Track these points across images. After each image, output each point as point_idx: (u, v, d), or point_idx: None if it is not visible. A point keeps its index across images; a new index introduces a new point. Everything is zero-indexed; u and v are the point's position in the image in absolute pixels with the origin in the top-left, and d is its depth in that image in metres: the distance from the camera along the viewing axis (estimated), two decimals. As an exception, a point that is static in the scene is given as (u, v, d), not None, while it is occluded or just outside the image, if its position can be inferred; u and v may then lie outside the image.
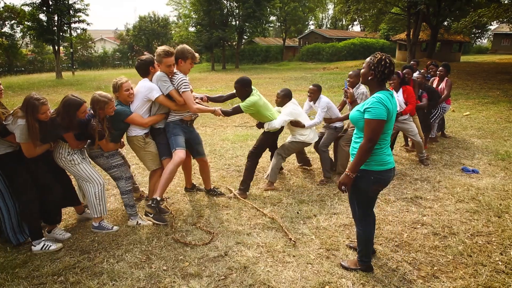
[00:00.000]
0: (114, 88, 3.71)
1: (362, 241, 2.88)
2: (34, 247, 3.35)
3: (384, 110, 2.51)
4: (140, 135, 3.85)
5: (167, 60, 3.71)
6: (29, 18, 24.24)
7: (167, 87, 3.77)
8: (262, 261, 3.12)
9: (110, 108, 3.52)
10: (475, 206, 4.19)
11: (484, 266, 3.03)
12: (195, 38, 31.04)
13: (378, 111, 2.49)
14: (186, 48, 3.87)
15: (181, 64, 3.87)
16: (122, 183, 3.83)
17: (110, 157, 3.78)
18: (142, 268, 3.06)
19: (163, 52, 3.68)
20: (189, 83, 3.88)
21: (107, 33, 54.85)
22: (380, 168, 2.64)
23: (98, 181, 3.61)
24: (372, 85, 2.65)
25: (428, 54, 26.39)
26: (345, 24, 56.77)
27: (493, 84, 14.84)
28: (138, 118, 3.76)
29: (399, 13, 24.62)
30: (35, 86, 19.19)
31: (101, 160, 3.77)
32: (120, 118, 3.69)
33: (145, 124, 3.82)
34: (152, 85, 3.77)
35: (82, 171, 3.54)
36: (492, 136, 7.39)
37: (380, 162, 2.64)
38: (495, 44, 44.58)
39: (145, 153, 3.93)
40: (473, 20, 17.06)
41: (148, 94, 3.74)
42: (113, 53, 46.37)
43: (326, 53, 35.14)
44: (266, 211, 4.06)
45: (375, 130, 2.52)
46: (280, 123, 4.50)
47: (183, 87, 3.79)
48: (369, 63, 2.62)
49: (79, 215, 3.99)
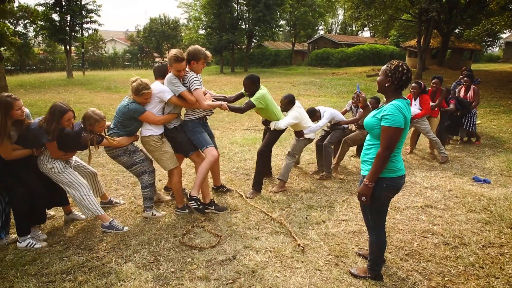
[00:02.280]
0: (136, 90, 3.67)
1: (375, 249, 2.84)
2: (20, 244, 3.37)
3: (402, 118, 2.47)
4: (156, 135, 3.88)
5: (178, 65, 3.75)
6: (42, 17, 24.61)
7: (178, 89, 3.80)
8: (270, 266, 3.10)
9: (100, 127, 3.57)
10: (486, 216, 4.12)
11: (497, 278, 2.98)
12: (204, 40, 31.16)
13: (397, 119, 2.45)
14: (198, 48, 3.90)
15: (194, 65, 3.90)
16: (146, 176, 3.95)
17: (132, 153, 3.88)
18: (150, 269, 3.06)
19: (174, 57, 3.72)
20: (200, 81, 3.93)
21: (118, 34, 55.38)
22: (392, 175, 2.61)
23: (82, 185, 3.60)
24: (389, 92, 2.61)
25: (438, 62, 26.20)
26: (355, 30, 56.67)
27: (505, 93, 14.66)
28: (152, 116, 3.79)
29: (410, 19, 24.47)
30: (46, 85, 19.42)
31: (124, 158, 3.86)
32: (134, 116, 3.73)
33: (158, 122, 3.84)
34: (163, 87, 3.81)
35: (64, 179, 3.55)
36: (503, 146, 7.29)
37: (392, 169, 2.61)
38: (506, 52, 44.10)
39: (162, 153, 3.95)
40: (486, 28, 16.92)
41: (160, 96, 3.78)
42: (123, 54, 46.74)
43: (335, 58, 35.05)
44: (275, 216, 4.04)
45: (392, 138, 2.48)
46: (286, 125, 4.67)
47: (194, 85, 3.84)
48: (385, 70, 2.58)
49: (67, 215, 3.97)
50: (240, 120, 9.99)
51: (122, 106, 3.77)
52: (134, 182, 5.08)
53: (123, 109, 3.74)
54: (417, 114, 6.07)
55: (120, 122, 3.77)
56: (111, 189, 4.89)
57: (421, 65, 20.22)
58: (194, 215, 4.09)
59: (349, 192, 4.80)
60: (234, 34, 29.36)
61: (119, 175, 5.41)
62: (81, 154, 4.92)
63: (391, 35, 36.93)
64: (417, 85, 6.14)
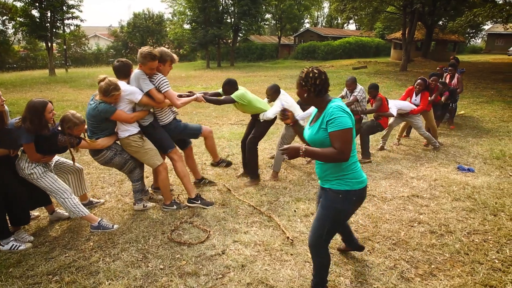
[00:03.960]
0: (106, 91, 3.53)
1: (320, 269, 2.59)
2: (2, 247, 3.29)
3: (348, 116, 2.23)
4: (135, 134, 3.81)
5: (153, 63, 3.69)
6: (21, 14, 23.91)
7: (147, 86, 3.73)
8: (259, 259, 3.11)
9: (78, 131, 3.48)
10: (471, 204, 4.20)
11: (481, 264, 3.04)
12: (190, 35, 30.89)
13: (344, 120, 2.20)
14: (164, 50, 3.91)
15: (161, 68, 3.88)
16: (137, 172, 3.99)
17: (122, 153, 3.85)
18: (139, 267, 3.03)
19: (149, 56, 3.64)
20: (168, 82, 3.88)
21: (101, 29, 54.36)
22: (360, 186, 2.36)
23: (62, 189, 3.51)
24: (314, 100, 2.37)
25: (423, 54, 26.54)
26: (341, 23, 56.82)
27: (488, 84, 14.93)
28: (124, 114, 3.70)
29: (394, 12, 24.65)
30: (27, 83, 18.98)
31: (117, 159, 3.83)
32: (106, 116, 3.61)
33: (131, 119, 3.75)
34: (133, 88, 3.71)
35: (43, 184, 3.45)
36: (487, 135, 7.43)
37: (359, 180, 2.36)
38: (489, 44, 44.94)
39: (146, 151, 3.89)
40: (469, 20, 17.14)
41: (131, 98, 3.69)
42: (107, 50, 45.99)
43: (321, 51, 35.15)
44: (263, 209, 4.05)
45: (346, 141, 2.20)
46: (274, 113, 4.77)
47: (164, 87, 3.81)
48: (298, 81, 2.38)
49: (51, 215, 3.91)
50: (227, 115, 9.95)
51: (91, 109, 3.62)
52: (121, 180, 5.03)
53: (92, 112, 3.60)
54: (414, 110, 6.23)
55: (95, 126, 3.65)
56: (97, 187, 4.82)
57: (406, 57, 20.45)
58: (182, 211, 4.07)
59: (337, 184, 4.82)
60: (219, 29, 29.14)
61: (105, 173, 5.34)
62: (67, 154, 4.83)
63: (377, 28, 37.24)
64: (422, 82, 6.33)
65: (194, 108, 10.79)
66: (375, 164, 5.67)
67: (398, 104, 6.14)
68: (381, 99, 5.87)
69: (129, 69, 3.86)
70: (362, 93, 5.74)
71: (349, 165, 2.33)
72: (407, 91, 6.61)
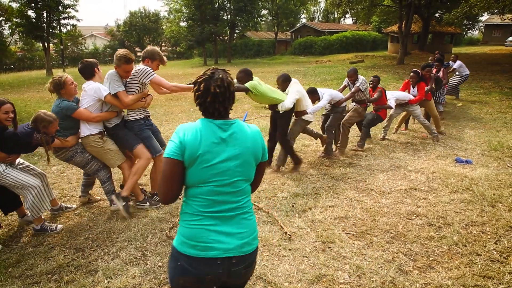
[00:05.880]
0: (58, 85, 3.58)
1: None
2: None
3: (176, 145, 1.56)
4: (95, 134, 3.75)
5: (128, 66, 3.66)
6: (17, 14, 23.79)
7: (117, 88, 3.69)
8: (258, 255, 3.08)
9: (53, 128, 3.46)
10: (469, 196, 4.21)
11: (479, 255, 3.05)
12: (186, 33, 30.74)
13: (169, 146, 1.59)
14: (156, 50, 3.90)
15: (148, 64, 3.83)
16: (102, 173, 3.90)
17: (84, 152, 3.80)
18: (138, 264, 3.03)
19: (125, 59, 3.61)
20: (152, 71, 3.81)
21: (98, 29, 54.15)
22: (193, 252, 1.57)
23: (32, 185, 3.46)
24: None
25: (420, 46, 26.48)
26: (337, 17, 56.64)
27: (485, 75, 14.91)
28: (86, 113, 3.66)
29: (390, 5, 24.58)
30: (25, 83, 18.91)
31: (78, 158, 3.78)
32: (67, 113, 3.60)
33: (94, 119, 3.70)
34: (98, 85, 3.70)
35: (10, 182, 3.37)
36: (484, 127, 7.44)
37: (195, 241, 1.58)
38: (486, 35, 44.83)
39: (105, 152, 3.84)
40: (465, 11, 17.06)
41: (97, 94, 3.67)
42: (104, 50, 45.77)
43: (318, 46, 35.04)
44: (261, 205, 4.05)
45: (164, 174, 1.58)
46: (291, 102, 4.81)
47: (150, 76, 3.75)
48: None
49: (20, 218, 3.83)
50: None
51: (54, 107, 3.63)
52: (119, 179, 5.02)
53: (55, 109, 3.59)
54: (413, 100, 6.47)
55: (60, 125, 3.57)
56: (95, 186, 4.80)
57: (403, 50, 20.40)
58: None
59: (335, 179, 4.83)
60: (216, 26, 29.03)
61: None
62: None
63: (373, 21, 37.06)
64: (415, 74, 6.55)
65: (192, 105, 10.77)
66: (373, 158, 5.68)
67: (395, 95, 6.34)
68: (381, 90, 6.11)
69: (93, 68, 3.80)
70: (364, 83, 5.87)
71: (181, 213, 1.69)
72: (404, 84, 6.73)
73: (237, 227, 1.64)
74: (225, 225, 1.62)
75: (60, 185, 4.87)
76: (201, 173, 1.58)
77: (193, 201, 1.63)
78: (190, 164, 1.58)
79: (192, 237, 1.60)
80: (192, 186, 1.62)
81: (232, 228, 1.63)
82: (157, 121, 8.64)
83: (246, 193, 1.71)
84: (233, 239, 1.62)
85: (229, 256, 1.59)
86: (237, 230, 1.64)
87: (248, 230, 1.67)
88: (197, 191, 1.61)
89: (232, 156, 1.61)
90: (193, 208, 1.63)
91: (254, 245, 1.69)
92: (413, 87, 6.61)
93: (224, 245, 1.59)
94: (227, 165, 1.60)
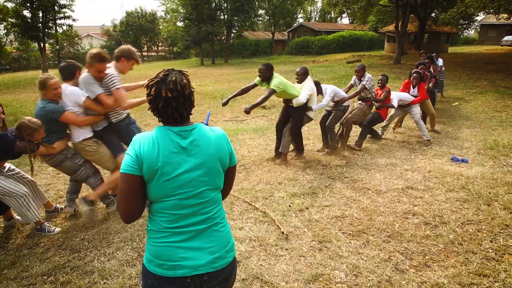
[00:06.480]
0: (42, 85, 3.43)
1: None
2: None
3: (132, 159, 1.46)
4: (90, 139, 3.66)
5: (101, 65, 3.48)
6: (13, 14, 23.69)
7: (95, 91, 3.53)
8: (254, 255, 3.11)
9: (39, 135, 3.30)
10: (465, 195, 4.23)
11: (475, 254, 3.06)
12: (183, 33, 30.73)
13: (125, 160, 1.49)
14: (132, 49, 3.76)
15: (123, 63, 3.69)
16: (92, 180, 3.77)
17: (74, 157, 3.66)
18: (134, 265, 3.02)
19: (98, 57, 3.43)
20: (119, 79, 3.65)
21: (94, 29, 53.98)
22: (160, 271, 1.49)
23: (19, 193, 3.39)
24: None
25: (416, 46, 26.55)
26: (334, 17, 56.72)
27: (481, 75, 14.99)
28: (74, 116, 3.49)
29: (387, 5, 24.64)
30: (21, 84, 18.84)
31: (67, 163, 3.63)
32: (54, 117, 3.42)
33: (82, 123, 3.56)
34: (76, 89, 3.53)
35: None
36: (480, 126, 7.47)
37: (161, 260, 1.50)
38: (482, 35, 45.05)
39: (101, 156, 3.74)
40: (460, 11, 17.16)
41: (75, 99, 3.50)
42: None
43: (315, 46, 35.10)
44: (258, 205, 4.05)
45: (122, 190, 1.47)
46: (305, 97, 5.17)
47: (116, 84, 3.58)
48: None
49: (6, 221, 3.77)
50: (222, 111, 9.94)
51: (38, 109, 3.44)
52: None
53: (40, 112, 3.40)
54: (414, 100, 6.49)
55: (45, 128, 3.39)
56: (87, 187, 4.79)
57: (400, 50, 20.45)
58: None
59: (332, 178, 4.84)
60: (213, 25, 29.04)
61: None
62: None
63: (370, 21, 37.15)
64: (418, 75, 6.55)
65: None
66: (369, 157, 5.69)
67: (398, 95, 6.41)
68: (389, 90, 6.21)
69: (75, 71, 3.63)
70: (370, 81, 5.94)
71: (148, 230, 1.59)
72: (404, 85, 6.77)
73: (207, 241, 1.54)
74: (194, 240, 1.52)
75: (56, 186, 4.84)
76: (162, 187, 1.47)
77: (158, 217, 1.52)
78: (150, 178, 1.46)
79: (158, 256, 1.50)
80: (155, 201, 1.52)
81: (201, 242, 1.53)
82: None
83: (216, 203, 1.59)
84: (203, 254, 1.51)
85: (200, 273, 1.50)
86: (207, 245, 1.53)
87: (219, 243, 1.56)
88: (161, 206, 1.51)
89: (194, 166, 1.49)
90: (158, 224, 1.52)
91: (228, 258, 1.59)
92: (414, 88, 6.63)
93: (194, 261, 1.49)
94: (190, 176, 1.48)
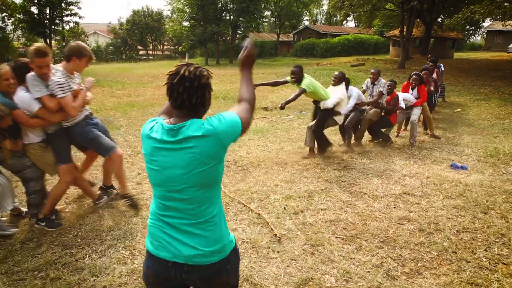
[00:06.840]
0: None
1: None
2: None
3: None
4: (35, 143, 3.48)
5: (39, 60, 3.20)
6: (20, 10, 23.92)
7: (37, 92, 3.28)
8: (246, 256, 3.09)
9: (5, 123, 3.16)
10: (462, 202, 4.19)
11: (468, 262, 3.03)
12: (188, 32, 30.79)
13: None
14: (82, 45, 3.53)
15: (75, 62, 3.46)
16: (32, 183, 3.56)
17: (23, 156, 3.46)
18: (125, 263, 3.02)
19: (35, 52, 3.16)
20: (65, 86, 3.37)
21: (101, 26, 54.22)
22: (150, 248, 1.62)
23: None
24: None
25: (421, 51, 26.46)
26: (339, 20, 56.66)
27: (485, 81, 14.89)
28: (24, 117, 3.29)
29: (393, 9, 24.57)
30: (25, 79, 18.94)
31: (13, 161, 3.40)
32: None
33: (33, 126, 3.38)
34: (29, 96, 3.30)
35: None
36: (482, 133, 7.41)
37: (152, 238, 1.63)
38: (488, 41, 44.82)
39: (44, 162, 3.58)
40: (466, 17, 17.09)
41: (28, 108, 3.29)
42: (106, 47, 45.87)
43: (320, 48, 35.08)
44: (253, 207, 4.03)
45: None
46: (332, 103, 5.43)
47: (59, 93, 3.32)
48: None
49: None
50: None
51: None
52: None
53: None
54: (417, 102, 6.56)
55: None
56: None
57: (404, 54, 20.40)
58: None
59: (329, 182, 4.81)
60: (218, 26, 29.07)
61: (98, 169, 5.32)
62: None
63: (375, 25, 37.14)
64: (417, 77, 6.66)
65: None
66: (368, 162, 5.66)
67: (402, 96, 6.50)
68: (397, 97, 6.32)
69: (25, 71, 3.35)
70: (386, 87, 6.15)
71: None
72: (403, 87, 6.85)
73: (189, 237, 1.54)
74: (177, 233, 1.56)
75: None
76: (151, 173, 1.58)
77: (153, 201, 1.65)
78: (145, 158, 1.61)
79: (151, 234, 1.63)
80: (152, 186, 1.63)
81: (183, 237, 1.55)
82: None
83: (202, 202, 1.55)
84: (184, 247, 1.54)
85: (179, 262, 1.54)
86: (188, 241, 1.54)
87: (202, 241, 1.55)
88: (154, 192, 1.63)
89: (176, 164, 1.50)
90: (152, 207, 1.65)
91: (213, 258, 1.56)
92: (413, 90, 6.67)
93: (174, 250, 1.55)
94: (174, 173, 1.51)
